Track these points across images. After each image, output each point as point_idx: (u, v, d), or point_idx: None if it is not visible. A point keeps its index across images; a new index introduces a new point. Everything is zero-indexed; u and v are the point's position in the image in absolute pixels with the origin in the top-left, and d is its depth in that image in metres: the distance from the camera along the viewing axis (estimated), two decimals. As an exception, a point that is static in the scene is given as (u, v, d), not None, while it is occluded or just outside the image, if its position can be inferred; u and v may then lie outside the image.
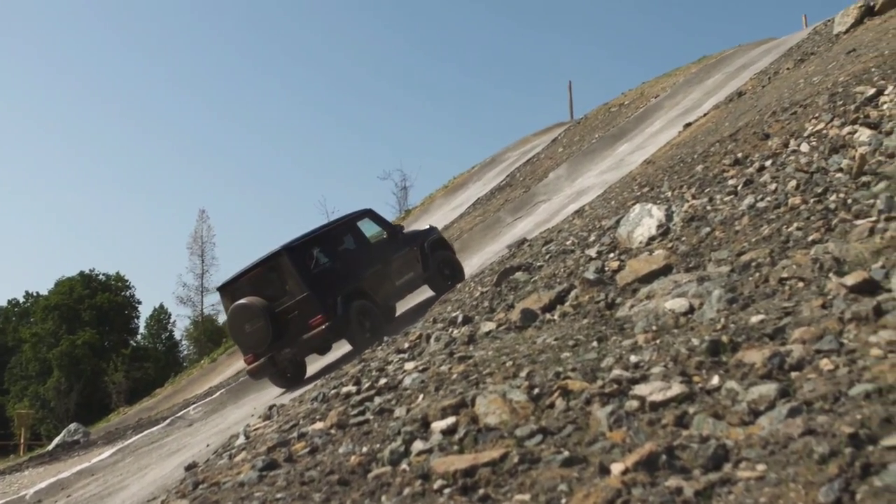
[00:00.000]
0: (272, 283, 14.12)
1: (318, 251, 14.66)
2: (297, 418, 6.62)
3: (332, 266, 14.66)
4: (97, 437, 23.44)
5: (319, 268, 14.44)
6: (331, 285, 14.12)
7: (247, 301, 13.88)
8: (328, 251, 14.89)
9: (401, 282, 15.60)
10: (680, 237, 7.07)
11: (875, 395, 3.23)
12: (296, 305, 13.80)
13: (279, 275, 14.07)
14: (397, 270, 15.60)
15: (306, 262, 14.16)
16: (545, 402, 4.32)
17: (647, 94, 32.87)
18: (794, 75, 14.96)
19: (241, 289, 14.36)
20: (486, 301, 8.36)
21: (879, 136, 7.24)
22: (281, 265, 14.03)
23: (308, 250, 14.45)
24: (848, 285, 4.44)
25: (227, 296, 14.80)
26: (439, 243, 16.85)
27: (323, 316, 13.64)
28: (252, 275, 14.41)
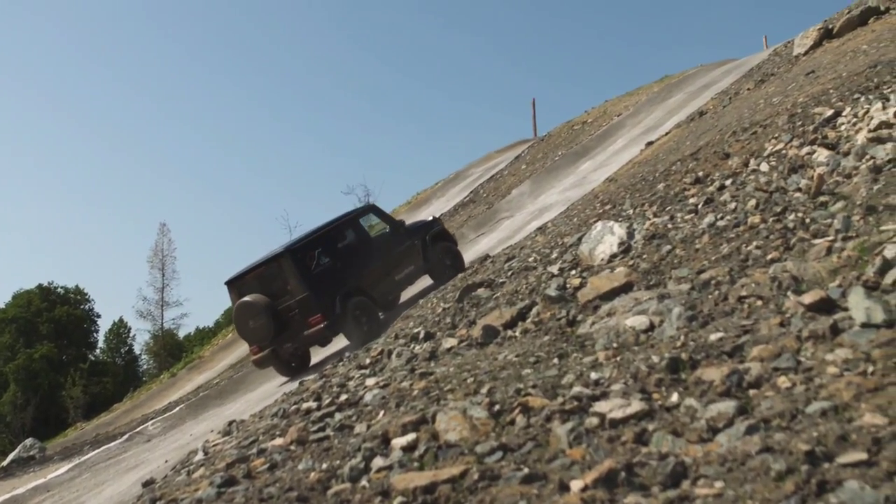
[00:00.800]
0: (275, 282, 14.67)
1: (320, 251, 15.15)
2: (256, 434, 6.57)
3: (332, 265, 15.11)
4: (53, 452, 23.07)
5: (320, 268, 14.94)
6: (330, 284, 14.65)
7: (251, 299, 14.53)
8: (329, 250, 15.32)
9: (401, 276, 16.15)
10: (641, 255, 7.11)
11: (831, 413, 3.27)
12: (296, 304, 14.38)
13: (281, 274, 14.62)
14: (398, 265, 16.14)
15: (307, 263, 14.73)
16: (506, 419, 4.32)
17: (610, 112, 33.12)
18: (755, 96, 15.14)
19: (247, 285, 14.99)
20: (448, 317, 8.36)
21: (837, 156, 7.34)
22: (283, 266, 14.58)
23: (309, 251, 15.00)
24: (805, 304, 4.48)
25: (233, 291, 15.33)
26: (440, 235, 17.33)
27: (321, 315, 14.25)
28: (257, 272, 15.00)
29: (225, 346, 31.25)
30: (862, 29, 15.78)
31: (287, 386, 13.58)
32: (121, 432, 21.19)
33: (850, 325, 4.07)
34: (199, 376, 27.67)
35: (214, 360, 29.78)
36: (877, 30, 14.50)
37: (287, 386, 13.58)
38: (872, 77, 9.84)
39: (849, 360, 3.69)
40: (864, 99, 8.79)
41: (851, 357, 3.70)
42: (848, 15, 16.91)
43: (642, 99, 31.71)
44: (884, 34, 13.34)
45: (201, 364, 30.46)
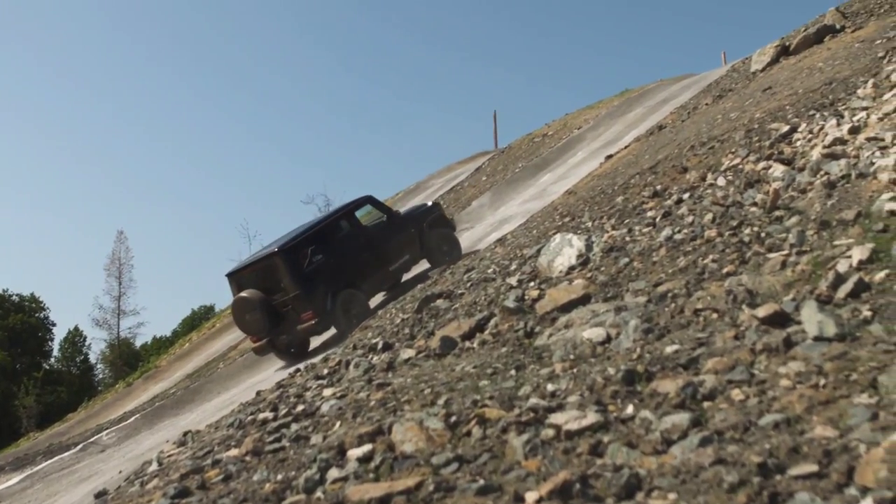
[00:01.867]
0: (270, 278, 15.22)
1: (313, 248, 15.51)
2: (211, 445, 6.51)
3: (325, 261, 15.50)
4: (5, 462, 22.66)
5: (313, 265, 15.35)
6: (323, 281, 15.15)
7: (247, 294, 15.15)
8: (323, 246, 15.67)
9: (395, 266, 16.61)
10: (599, 267, 7.14)
11: (783, 425, 3.30)
12: (290, 301, 14.99)
13: (275, 272, 15.15)
14: (392, 256, 16.56)
15: (300, 261, 15.17)
16: (462, 430, 4.31)
17: (571, 125, 33.28)
18: (713, 111, 15.30)
19: (246, 278, 15.61)
20: (407, 328, 8.34)
21: (792, 171, 7.43)
22: (276, 264, 15.11)
23: (302, 249, 15.35)
24: (760, 317, 4.53)
25: (233, 283, 15.89)
26: (439, 221, 17.75)
27: (312, 312, 14.87)
28: (254, 268, 15.62)
29: (182, 356, 30.95)
30: (818, 47, 16.02)
31: (245, 395, 13.48)
32: (74, 442, 20.88)
33: (803, 339, 4.12)
34: (155, 386, 27.37)
35: (171, 369, 29.47)
36: (832, 48, 14.73)
37: (245, 395, 13.48)
38: (828, 94, 9.99)
39: (801, 372, 3.73)
40: (820, 115, 8.92)
41: (804, 370, 3.74)
42: (804, 33, 17.17)
43: (602, 112, 31.90)
44: (839, 52, 13.55)
45: (157, 374, 30.13)
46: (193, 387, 20.04)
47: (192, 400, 18.23)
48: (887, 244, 4.92)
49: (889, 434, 2.94)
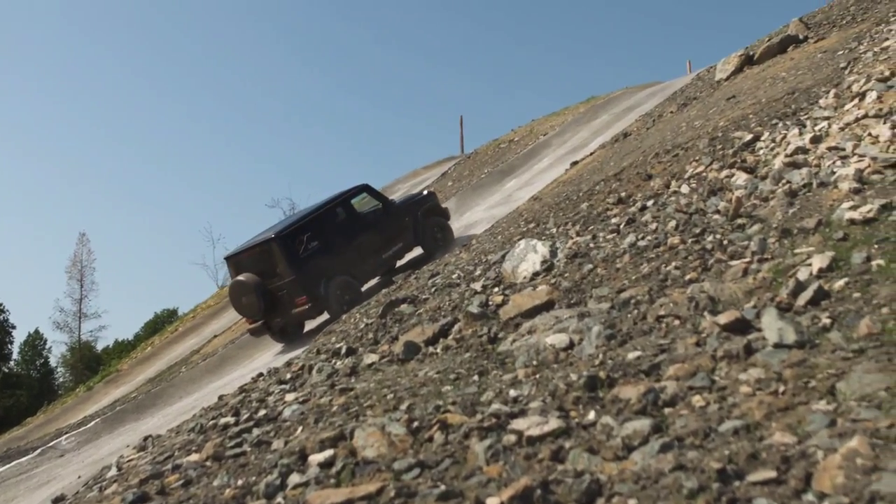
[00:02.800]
0: (266, 263, 15.62)
1: (308, 235, 15.85)
2: (172, 449, 6.45)
3: (320, 248, 15.90)
4: (-38, 467, 22.38)
5: (308, 252, 15.73)
6: (317, 267, 15.56)
7: (243, 278, 15.61)
8: (318, 233, 16.00)
9: (388, 254, 17.03)
10: (563, 273, 7.16)
11: (743, 432, 3.32)
12: (284, 286, 15.42)
13: (270, 258, 15.54)
14: (386, 243, 16.99)
15: (295, 248, 15.55)
16: (424, 436, 4.30)
17: (537, 131, 33.37)
18: (677, 119, 15.41)
19: (243, 262, 16.01)
20: (371, 333, 8.31)
21: (755, 180, 7.49)
22: (271, 250, 15.49)
23: (298, 236, 15.72)
24: (721, 324, 4.56)
25: (231, 266, 16.41)
26: (433, 210, 18.20)
27: (306, 297, 15.35)
28: (251, 252, 15.94)
29: (144, 360, 30.66)
30: (781, 56, 16.20)
31: (207, 399, 13.37)
32: (33, 447, 20.60)
33: (764, 346, 4.15)
34: (116, 390, 27.08)
35: (133, 373, 29.18)
36: (795, 58, 14.89)
37: (207, 399, 13.37)
38: (790, 103, 10.09)
39: (761, 379, 3.75)
40: (782, 125, 9.00)
41: (764, 376, 3.77)
42: (768, 42, 17.36)
43: (568, 119, 32.03)
44: (802, 62, 13.70)
45: (119, 377, 29.82)
46: (155, 391, 19.84)
47: (153, 404, 18.06)
48: (847, 252, 4.98)
49: (846, 440, 2.97)
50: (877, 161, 6.42)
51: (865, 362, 3.58)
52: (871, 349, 3.71)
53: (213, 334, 25.71)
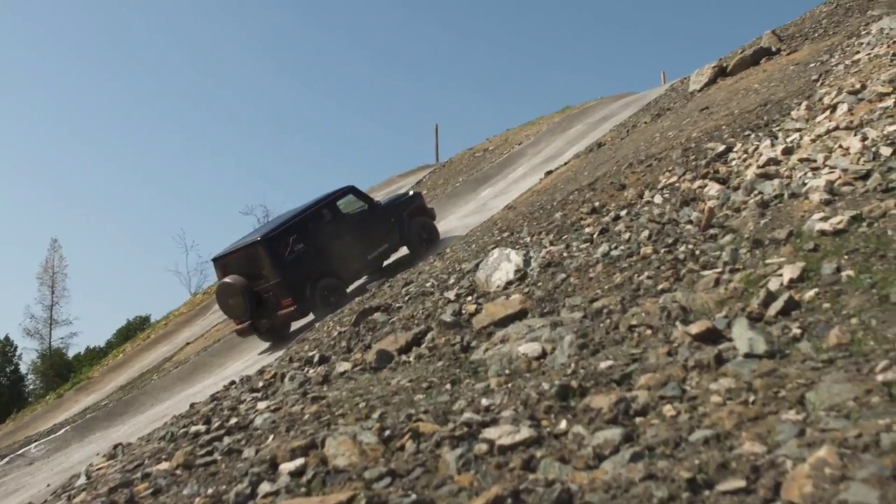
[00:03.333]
0: (252, 265, 15.79)
1: (294, 238, 15.97)
2: (142, 458, 6.40)
3: (306, 250, 16.03)
4: (-72, 475, 22.09)
5: (294, 254, 15.87)
6: (303, 269, 15.72)
7: (230, 280, 15.79)
8: (304, 236, 16.11)
9: (374, 255, 17.18)
10: (536, 282, 7.17)
11: (713, 441, 3.33)
12: (271, 287, 15.60)
13: (257, 260, 15.72)
14: (373, 244, 17.16)
15: (281, 250, 15.69)
16: (396, 445, 4.29)
17: (512, 140, 33.42)
18: (651, 129, 15.49)
19: (230, 264, 16.16)
20: (344, 341, 8.30)
21: (727, 190, 7.55)
22: (258, 252, 15.65)
23: (284, 238, 15.84)
24: (692, 334, 4.58)
25: (218, 267, 16.51)
26: (419, 210, 18.42)
27: (292, 299, 15.51)
28: (238, 254, 16.13)
29: (115, 367, 30.41)
30: (754, 68, 16.34)
31: (179, 407, 13.30)
32: (1, 455, 20.38)
33: (734, 355, 4.17)
34: (87, 397, 26.83)
35: (104, 381, 28.93)
36: (768, 70, 15.02)
37: (179, 407, 13.30)
38: (763, 115, 10.18)
39: (731, 389, 3.77)
40: (755, 136, 9.08)
41: (734, 386, 3.79)
42: (741, 54, 17.50)
43: (543, 128, 32.11)
44: (774, 74, 13.82)
45: (90, 385, 29.54)
46: (126, 399, 19.69)
47: (124, 412, 17.92)
48: (817, 263, 5.01)
49: (815, 450, 2.98)
50: (847, 173, 6.48)
51: (834, 372, 3.60)
52: (841, 359, 3.73)
53: (186, 342, 25.52)
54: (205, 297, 32.28)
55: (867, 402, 3.28)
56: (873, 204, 5.62)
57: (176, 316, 33.07)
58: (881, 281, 4.45)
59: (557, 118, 33.70)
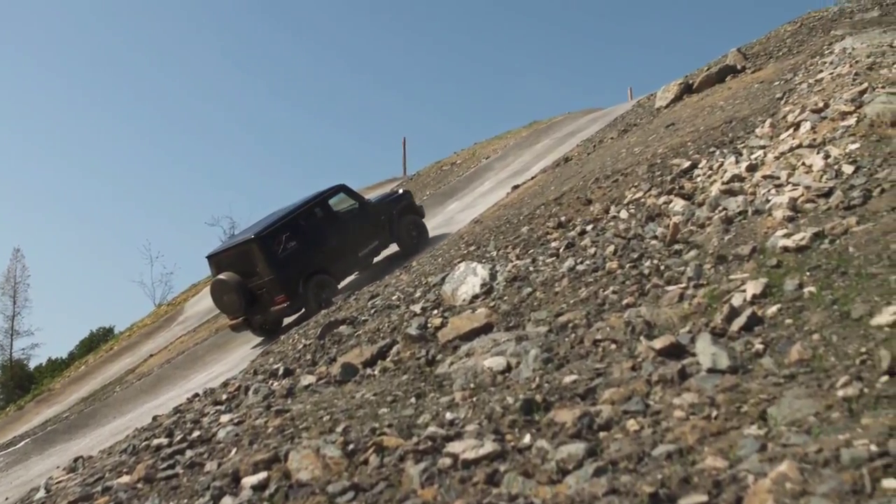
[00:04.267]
0: (246, 262, 16.06)
1: (287, 235, 16.28)
2: (103, 471, 6.33)
3: (298, 247, 16.33)
4: None
5: (287, 251, 16.16)
6: (296, 266, 16.01)
7: (224, 277, 16.02)
8: (297, 233, 16.44)
9: (364, 252, 17.51)
10: (502, 296, 7.18)
11: (676, 456, 3.34)
12: (264, 284, 15.84)
13: (251, 257, 15.99)
14: (362, 242, 17.46)
15: (274, 248, 15.97)
16: (359, 458, 4.27)
17: (479, 154, 33.47)
18: (618, 145, 15.58)
19: (224, 261, 16.42)
20: (309, 354, 8.27)
21: (692, 206, 7.61)
22: (251, 250, 15.93)
23: (277, 236, 16.14)
24: (657, 349, 4.60)
25: (213, 264, 16.74)
26: (408, 208, 18.78)
27: (285, 296, 15.77)
28: (232, 252, 16.44)
29: (77, 379, 30.07)
30: (720, 85, 16.49)
31: (142, 419, 13.17)
32: (-41, 467, 20.10)
33: (698, 370, 4.19)
34: (48, 409, 26.49)
35: (65, 392, 28.59)
36: (733, 87, 15.17)
37: (142, 419, 13.17)
38: (727, 132, 10.27)
39: (694, 404, 3.79)
40: (719, 153, 9.16)
41: (697, 401, 3.81)
42: (707, 72, 17.67)
43: (511, 143, 32.20)
44: (739, 92, 13.96)
45: (51, 397, 29.18)
46: (88, 411, 19.47)
47: (86, 424, 17.71)
48: (780, 279, 5.06)
49: (776, 465, 3.00)
50: (810, 190, 6.55)
51: (796, 388, 3.63)
52: (802, 375, 3.77)
53: (150, 354, 25.30)
54: (169, 309, 32.09)
55: (828, 417, 3.31)
56: (835, 221, 5.68)
57: (140, 327, 32.79)
58: (842, 297, 4.49)
59: (525, 133, 33.81)
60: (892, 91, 8.06)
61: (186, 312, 28.75)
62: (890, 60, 10.15)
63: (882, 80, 8.93)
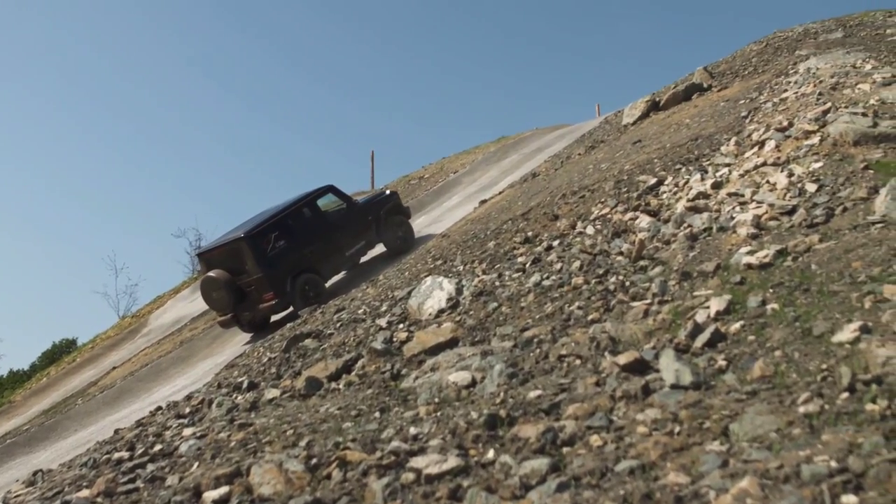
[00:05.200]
0: (235, 260, 16.37)
1: (276, 234, 16.60)
2: (62, 485, 6.24)
3: (287, 246, 16.65)
4: None
5: (276, 250, 16.49)
6: (284, 265, 16.36)
7: (214, 274, 16.36)
8: (285, 232, 16.75)
9: (351, 251, 17.86)
10: (468, 311, 7.18)
11: (638, 472, 3.35)
12: (253, 282, 16.14)
13: (240, 255, 16.30)
14: (350, 241, 17.83)
15: (263, 246, 16.30)
16: (322, 473, 4.25)
17: (447, 168, 33.48)
18: (585, 161, 15.66)
19: (214, 259, 16.76)
20: (274, 367, 8.22)
21: (658, 223, 7.65)
22: (241, 248, 16.21)
23: (267, 235, 16.47)
24: (621, 364, 4.62)
25: (203, 262, 17.27)
26: (395, 209, 19.10)
27: (273, 293, 16.08)
28: (221, 250, 16.71)
29: (38, 391, 29.69)
30: (686, 103, 16.64)
31: (103, 433, 13.02)
32: (-83, 480, 19.76)
33: (661, 386, 4.21)
34: (7, 422, 26.10)
35: (26, 405, 28.20)
36: (699, 105, 15.31)
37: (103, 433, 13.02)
38: (693, 149, 10.36)
39: (658, 419, 3.80)
40: (685, 170, 9.23)
41: (660, 417, 3.82)
42: (674, 89, 17.82)
43: (479, 157, 32.24)
44: (705, 110, 14.09)
45: (11, 409, 28.76)
46: (49, 424, 19.23)
47: (46, 437, 17.49)
48: (743, 296, 5.10)
49: (737, 481, 3.02)
50: (774, 208, 6.62)
51: (758, 404, 3.65)
52: (764, 391, 3.79)
53: (113, 366, 25.04)
54: (133, 321, 31.75)
55: (789, 433, 3.33)
56: (798, 239, 5.74)
57: (103, 339, 32.44)
58: (804, 314, 4.54)
59: (493, 148, 33.87)
60: (855, 111, 8.17)
61: (151, 325, 28.47)
62: (853, 81, 10.29)
63: (845, 100, 9.06)
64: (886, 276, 4.67)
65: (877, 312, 4.26)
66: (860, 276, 4.78)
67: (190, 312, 24.40)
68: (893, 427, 3.16)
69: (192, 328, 21.72)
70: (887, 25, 16.99)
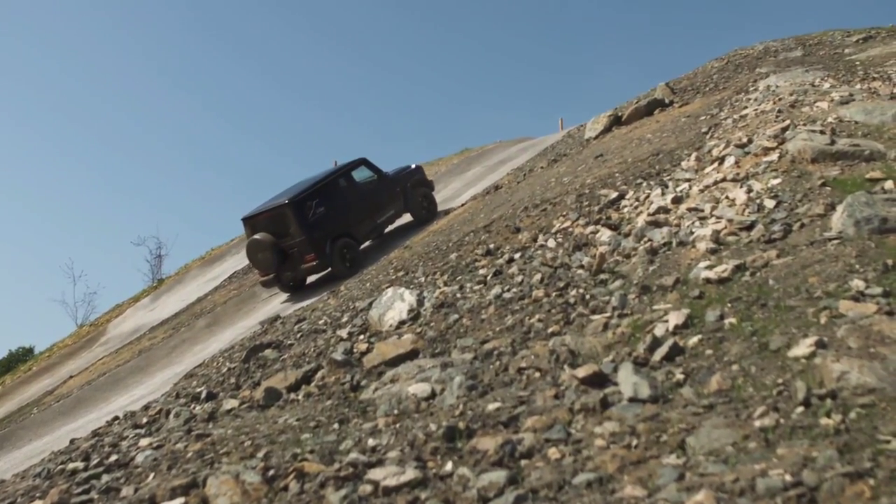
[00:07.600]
0: (280, 224, 17.71)
1: (316, 201, 17.98)
2: (14, 496, 6.14)
3: (325, 213, 18.00)
4: None
5: (316, 216, 17.83)
6: (323, 229, 17.67)
7: (259, 237, 17.77)
8: (324, 200, 18.18)
9: (382, 219, 19.39)
10: (429, 322, 7.18)
11: (596, 484, 3.36)
12: (295, 244, 17.48)
13: (284, 220, 17.66)
14: (380, 209, 19.35)
15: (305, 212, 17.64)
16: (279, 485, 4.22)
17: (411, 180, 33.49)
18: (547, 174, 15.72)
19: (259, 223, 18.05)
20: (233, 377, 8.16)
21: (619, 237, 7.69)
22: (285, 213, 17.60)
23: (308, 202, 17.84)
24: (580, 377, 4.63)
25: (248, 226, 18.53)
26: (420, 182, 20.69)
27: (314, 255, 17.41)
28: (266, 215, 18.01)
29: (-6, 400, 29.33)
30: (648, 118, 16.76)
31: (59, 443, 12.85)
32: None
33: (619, 399, 4.23)
34: (-35, 431, 25.76)
35: (-19, 414, 27.86)
36: (661, 120, 15.43)
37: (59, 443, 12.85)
38: (654, 164, 10.43)
39: (616, 432, 3.82)
40: (646, 184, 9.29)
41: (618, 430, 3.84)
42: (636, 104, 17.95)
43: (442, 169, 32.26)
44: (667, 125, 14.20)
45: (-35, 418, 28.42)
46: (2, 433, 18.95)
47: (0, 447, 17.26)
48: (702, 310, 5.14)
49: (693, 494, 3.04)
50: (733, 223, 6.68)
51: (714, 417, 3.68)
52: (721, 405, 3.82)
53: (70, 375, 24.74)
54: (91, 330, 31.41)
55: (745, 447, 3.36)
56: (756, 254, 5.80)
57: (61, 347, 32.05)
58: (762, 329, 4.58)
59: (456, 160, 33.91)
60: (814, 129, 8.28)
61: (109, 333, 28.18)
62: (812, 99, 10.43)
63: (804, 118, 9.18)
64: (842, 292, 4.72)
65: (832, 327, 4.31)
66: (816, 292, 4.84)
67: (149, 321, 24.22)
68: (847, 441, 3.19)
69: (151, 337, 21.54)
70: (845, 45, 17.25)
